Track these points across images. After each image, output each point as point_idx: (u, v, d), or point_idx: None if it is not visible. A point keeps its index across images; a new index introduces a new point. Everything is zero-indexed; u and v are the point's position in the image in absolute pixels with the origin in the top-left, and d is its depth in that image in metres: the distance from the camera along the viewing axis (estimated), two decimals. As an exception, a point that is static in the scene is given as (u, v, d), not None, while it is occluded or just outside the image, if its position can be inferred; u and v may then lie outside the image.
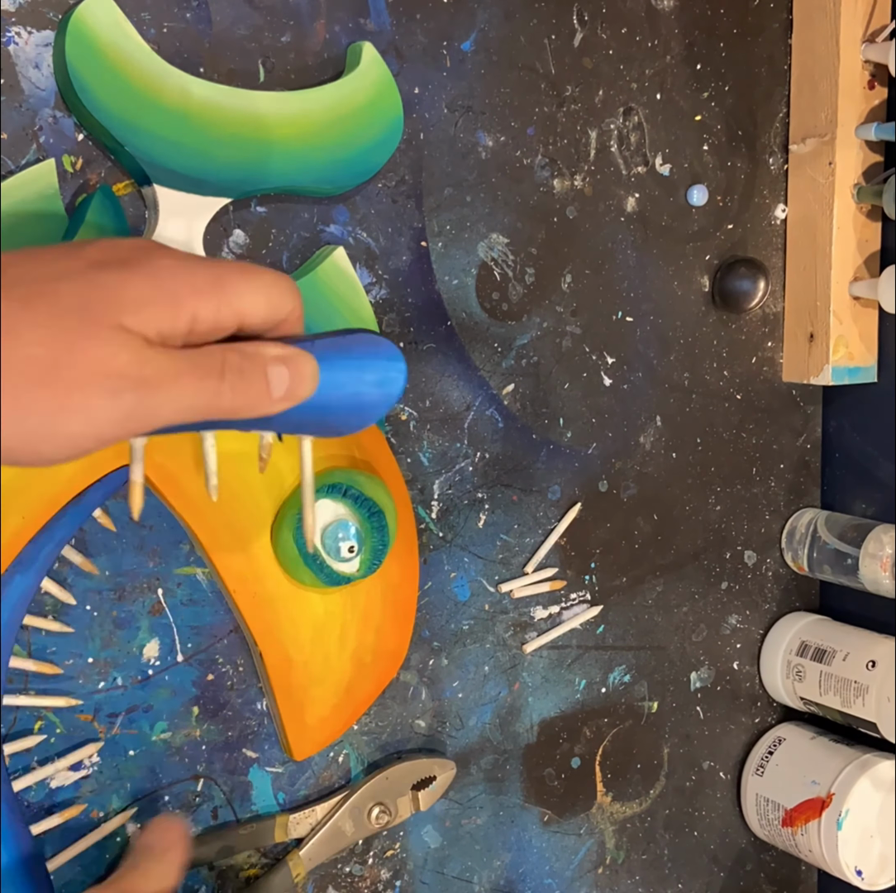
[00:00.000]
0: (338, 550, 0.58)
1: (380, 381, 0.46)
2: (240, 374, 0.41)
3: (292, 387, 0.42)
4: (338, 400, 0.45)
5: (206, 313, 0.40)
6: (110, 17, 0.52)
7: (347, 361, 0.45)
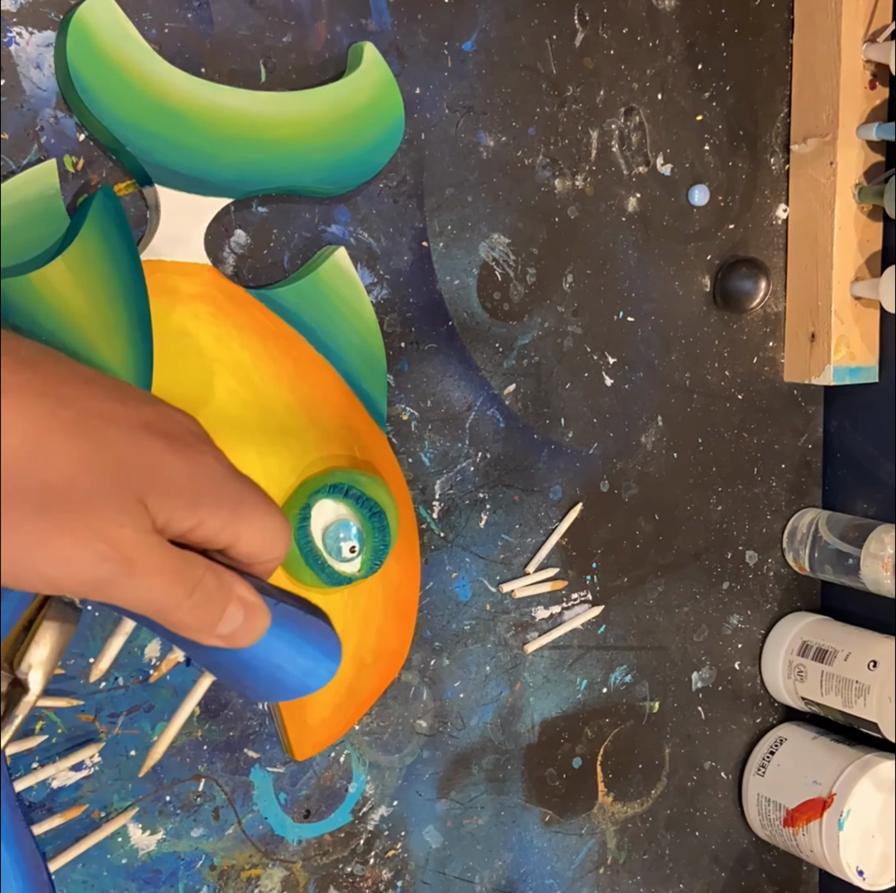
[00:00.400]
0: (339, 550, 0.58)
1: (307, 671, 0.44)
2: (206, 597, 0.40)
3: (237, 633, 0.41)
4: (260, 664, 0.44)
5: (211, 526, 0.40)
6: (111, 18, 0.52)
7: (292, 636, 0.44)
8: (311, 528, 0.57)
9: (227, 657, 0.43)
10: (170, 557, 0.39)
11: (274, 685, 0.44)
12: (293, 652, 0.44)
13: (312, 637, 0.45)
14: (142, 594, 0.38)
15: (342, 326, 0.60)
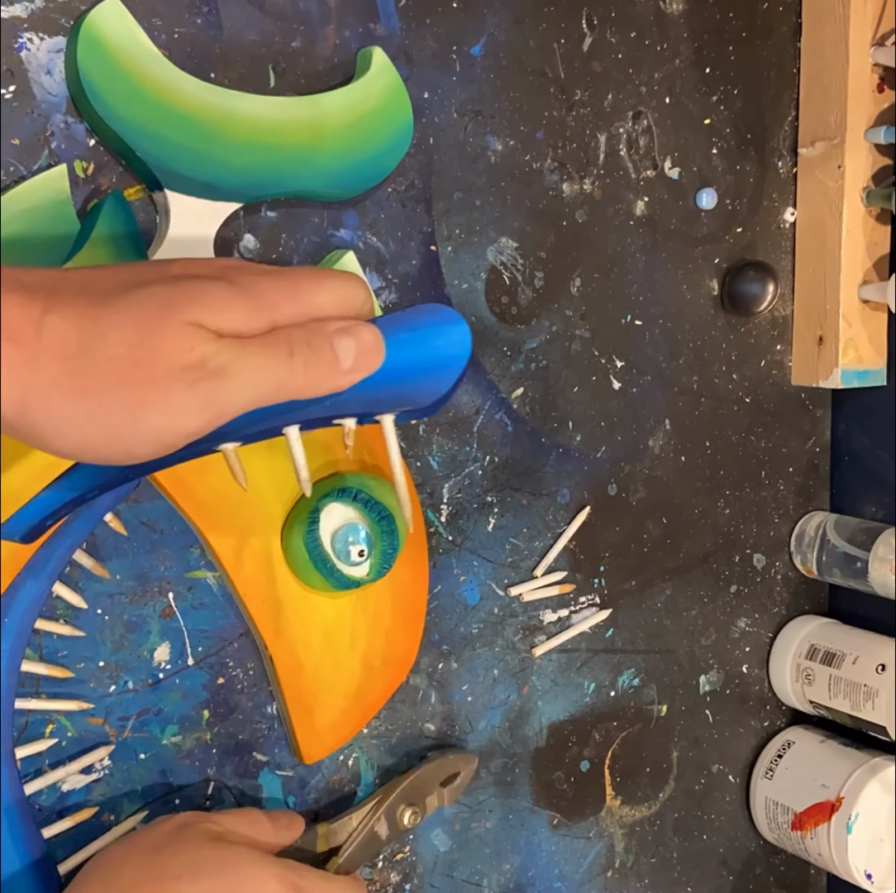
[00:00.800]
0: (348, 554, 0.58)
1: (446, 344, 0.46)
2: (307, 347, 0.42)
3: (360, 356, 0.43)
4: (408, 370, 0.46)
5: (284, 319, 0.42)
6: (122, 23, 0.52)
7: (410, 332, 0.46)
8: (319, 532, 0.58)
9: (378, 386, 0.45)
10: (249, 344, 0.41)
11: (433, 375, 0.46)
12: (422, 340, 0.46)
13: (426, 320, 0.46)
14: (252, 386, 0.41)
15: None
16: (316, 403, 0.44)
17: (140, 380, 0.39)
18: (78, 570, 0.56)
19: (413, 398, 0.47)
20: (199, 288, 0.41)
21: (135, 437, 0.39)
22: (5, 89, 0.52)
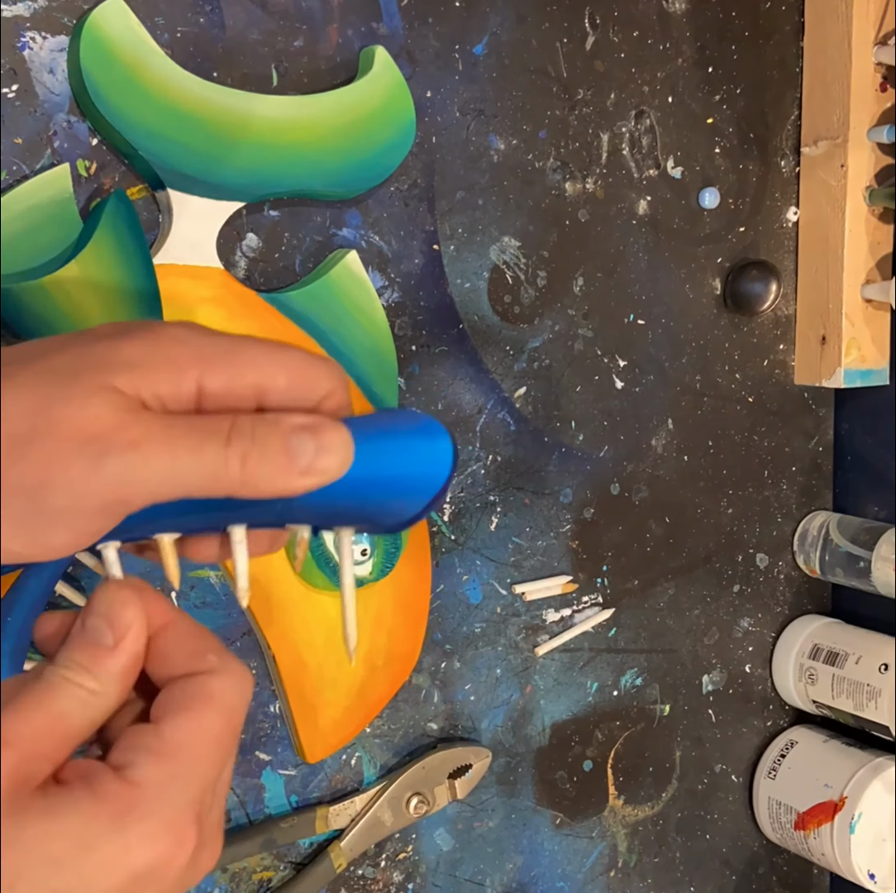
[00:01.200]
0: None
1: (424, 460, 0.39)
2: (251, 439, 0.35)
3: (319, 459, 0.36)
4: (376, 484, 0.39)
5: (215, 384, 0.35)
6: (124, 23, 0.52)
7: (385, 440, 0.39)
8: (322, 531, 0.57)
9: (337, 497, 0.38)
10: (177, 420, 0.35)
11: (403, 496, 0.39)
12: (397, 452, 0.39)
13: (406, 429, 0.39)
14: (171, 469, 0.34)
15: (353, 329, 0.60)
16: (262, 504, 0.37)
17: (38, 458, 0.33)
18: (81, 569, 0.56)
19: (377, 517, 0.40)
20: (111, 349, 0.35)
21: (43, 523, 0.34)
22: (8, 88, 0.52)
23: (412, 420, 0.40)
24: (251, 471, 0.35)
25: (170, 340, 0.36)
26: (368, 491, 0.39)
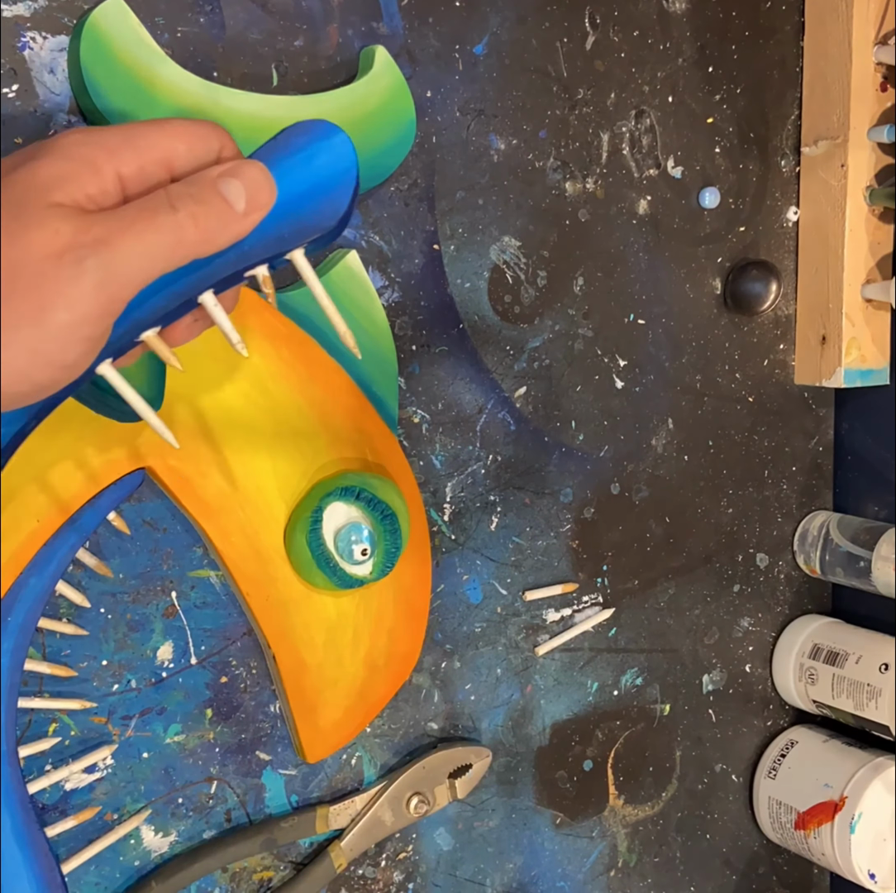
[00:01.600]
0: (351, 552, 0.58)
1: (330, 159, 0.44)
2: (191, 199, 0.39)
3: (252, 196, 0.40)
4: (301, 196, 0.44)
5: (129, 170, 0.39)
6: (124, 22, 0.52)
7: (291, 157, 0.44)
8: (322, 530, 0.58)
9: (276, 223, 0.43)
10: (124, 209, 0.38)
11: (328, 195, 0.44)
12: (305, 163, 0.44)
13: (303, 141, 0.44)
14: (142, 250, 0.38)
15: (353, 329, 0.60)
16: (219, 258, 0.42)
17: (26, 285, 0.36)
18: (81, 569, 0.56)
19: (315, 224, 0.44)
20: (31, 173, 0.38)
21: (53, 344, 0.37)
22: (8, 88, 0.52)
23: (305, 130, 0.45)
24: (203, 227, 0.39)
25: (76, 146, 0.39)
26: (298, 205, 0.44)
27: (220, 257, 0.42)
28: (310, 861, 0.62)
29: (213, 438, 0.56)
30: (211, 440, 0.56)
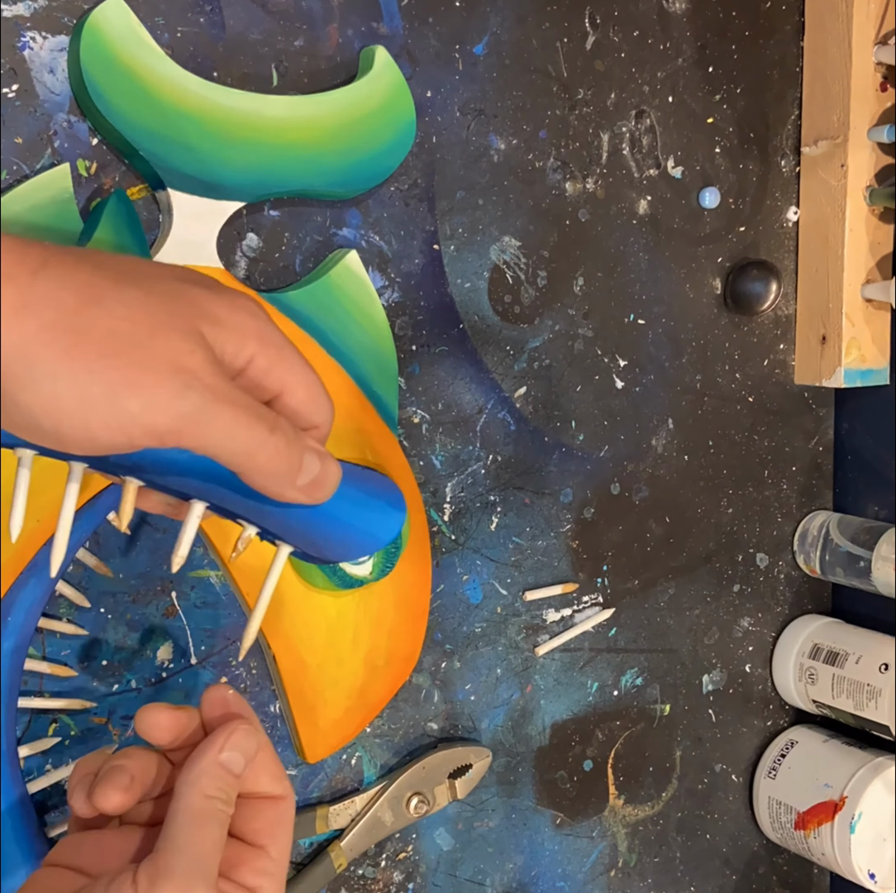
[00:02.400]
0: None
1: (378, 523, 0.45)
2: (286, 439, 0.40)
3: (315, 484, 0.41)
4: (333, 524, 0.44)
5: (261, 364, 0.40)
6: (124, 22, 0.52)
7: (357, 492, 0.45)
8: (322, 531, 0.58)
9: (299, 519, 0.43)
10: (241, 392, 0.39)
11: (348, 544, 0.45)
12: (361, 507, 0.45)
13: (376, 490, 0.45)
14: (227, 428, 0.38)
15: (353, 328, 0.60)
16: (242, 495, 0.42)
17: (134, 361, 0.36)
18: (81, 569, 0.56)
19: (319, 548, 0.45)
20: (203, 298, 0.39)
21: (105, 417, 0.37)
22: (8, 88, 0.52)
23: (384, 486, 0.46)
24: (274, 464, 0.40)
25: (245, 310, 0.40)
26: (324, 525, 0.44)
27: (242, 495, 0.43)
28: (310, 861, 0.62)
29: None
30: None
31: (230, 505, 0.43)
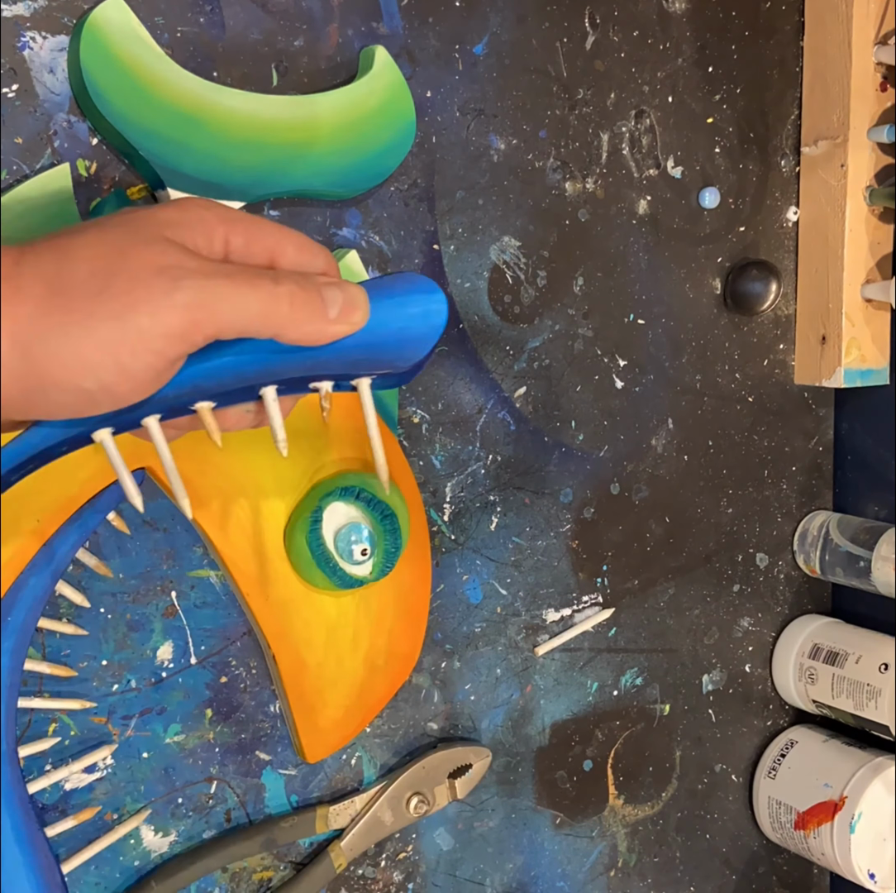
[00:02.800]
0: (350, 553, 0.58)
1: (423, 313, 0.46)
2: (294, 282, 0.41)
3: (346, 309, 0.42)
4: (386, 335, 0.45)
5: (237, 241, 0.41)
6: (124, 22, 0.52)
7: (390, 298, 0.46)
8: (322, 530, 0.58)
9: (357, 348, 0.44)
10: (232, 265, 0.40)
11: (411, 343, 0.46)
12: (401, 308, 0.46)
13: (405, 288, 0.46)
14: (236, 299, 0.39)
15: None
16: (294, 356, 0.43)
17: (121, 287, 0.38)
18: (81, 569, 0.56)
19: (389, 363, 0.46)
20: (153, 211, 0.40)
21: (126, 346, 0.38)
22: (8, 88, 0.52)
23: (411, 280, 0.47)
24: (298, 309, 0.40)
25: (197, 205, 0.41)
26: (380, 341, 0.45)
27: (295, 357, 0.43)
28: (309, 861, 0.62)
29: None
30: (210, 440, 0.56)
31: (293, 373, 0.44)
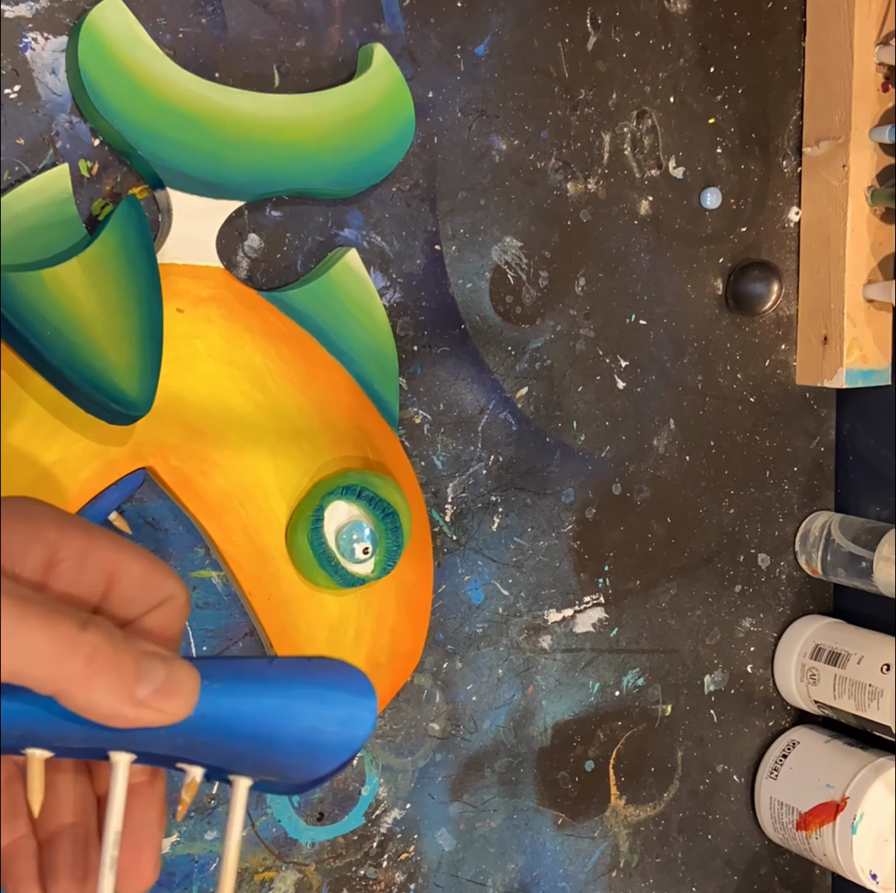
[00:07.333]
0: (352, 551, 0.58)
1: (345, 718, 0.37)
2: (106, 636, 0.31)
3: (163, 692, 0.32)
4: (290, 733, 0.36)
5: (70, 552, 0.32)
6: (122, 22, 0.52)
7: (310, 687, 0.37)
8: (324, 529, 0.58)
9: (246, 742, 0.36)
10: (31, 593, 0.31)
11: (316, 751, 0.37)
12: (318, 705, 0.37)
13: (332, 681, 0.38)
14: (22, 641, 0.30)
15: (354, 327, 0.60)
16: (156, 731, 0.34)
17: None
18: (82, 569, 0.56)
19: (284, 768, 0.36)
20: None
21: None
22: (10, 89, 0.52)
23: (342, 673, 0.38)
24: (96, 671, 0.31)
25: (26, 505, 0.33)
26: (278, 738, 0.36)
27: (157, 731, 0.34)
28: None
29: (213, 437, 0.56)
30: (212, 440, 0.56)
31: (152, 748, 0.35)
